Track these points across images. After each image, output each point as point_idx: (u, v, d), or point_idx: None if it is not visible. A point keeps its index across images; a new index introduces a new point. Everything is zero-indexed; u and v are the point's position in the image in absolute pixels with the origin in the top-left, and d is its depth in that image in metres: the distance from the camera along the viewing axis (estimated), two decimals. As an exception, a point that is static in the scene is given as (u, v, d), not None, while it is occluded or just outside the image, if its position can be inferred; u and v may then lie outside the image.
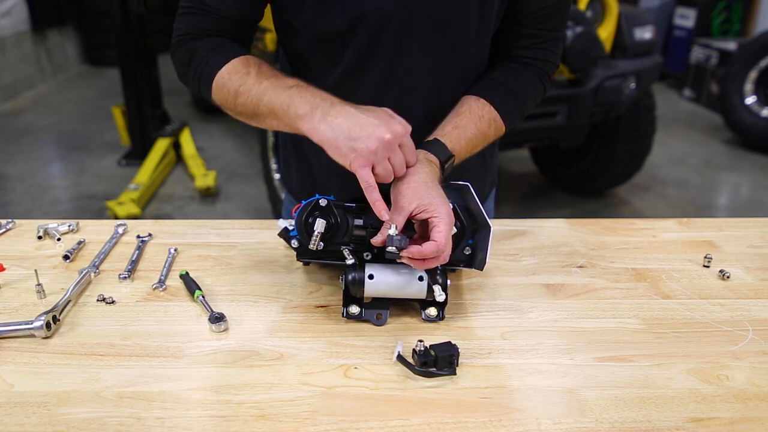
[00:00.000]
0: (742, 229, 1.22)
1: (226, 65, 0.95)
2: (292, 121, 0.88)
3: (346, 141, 0.83)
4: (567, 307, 0.95)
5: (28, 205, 3.77)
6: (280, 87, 0.89)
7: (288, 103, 0.87)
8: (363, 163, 0.83)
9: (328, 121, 0.84)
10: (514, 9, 1.00)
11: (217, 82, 0.95)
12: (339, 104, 0.86)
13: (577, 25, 3.14)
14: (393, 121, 0.85)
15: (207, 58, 0.96)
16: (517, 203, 3.98)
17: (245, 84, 0.92)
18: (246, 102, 0.92)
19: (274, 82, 0.91)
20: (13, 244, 1.10)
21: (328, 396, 0.75)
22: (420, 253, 0.82)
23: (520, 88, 1.05)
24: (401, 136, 0.84)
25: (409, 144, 0.86)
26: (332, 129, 0.84)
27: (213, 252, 1.09)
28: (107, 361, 0.80)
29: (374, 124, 0.83)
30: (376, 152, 0.82)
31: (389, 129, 0.83)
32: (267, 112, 0.90)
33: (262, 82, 0.91)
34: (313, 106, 0.86)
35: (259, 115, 0.92)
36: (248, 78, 0.92)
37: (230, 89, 0.94)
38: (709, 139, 5.17)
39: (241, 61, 0.95)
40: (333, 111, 0.85)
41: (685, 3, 6.41)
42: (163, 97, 4.68)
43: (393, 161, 0.85)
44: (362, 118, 0.83)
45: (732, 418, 0.73)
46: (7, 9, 5.90)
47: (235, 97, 0.93)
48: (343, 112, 0.84)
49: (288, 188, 1.28)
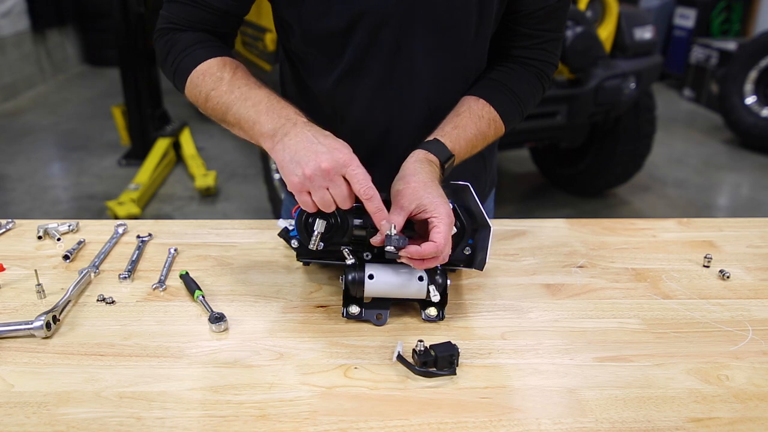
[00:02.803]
0: (742, 229, 1.22)
1: (202, 65, 0.95)
2: (256, 138, 0.89)
3: (289, 164, 0.82)
4: (567, 307, 0.95)
5: (28, 205, 3.77)
6: (249, 100, 0.90)
7: (254, 120, 0.88)
8: (299, 189, 0.82)
9: (284, 142, 0.83)
10: (513, 9, 1.00)
11: (191, 80, 0.96)
12: (300, 126, 0.85)
13: (577, 25, 3.15)
14: (339, 151, 0.81)
15: (185, 53, 0.96)
16: (517, 203, 3.98)
17: (216, 89, 0.93)
18: (215, 107, 0.93)
19: (244, 93, 0.91)
20: (13, 244, 1.10)
21: (328, 396, 0.75)
22: (419, 254, 0.82)
23: (519, 89, 1.05)
24: (342, 166, 0.80)
25: (355, 174, 0.81)
26: (284, 150, 0.83)
27: (213, 252, 1.09)
28: (107, 361, 0.80)
29: (318, 151, 0.80)
30: (311, 179, 0.80)
31: (331, 157, 0.80)
32: (234, 122, 0.92)
33: (233, 91, 0.91)
34: (276, 126, 0.86)
35: (226, 123, 0.94)
36: (221, 84, 0.93)
37: (201, 91, 0.94)
38: (709, 139, 5.17)
39: (217, 63, 0.95)
40: (291, 132, 0.84)
41: (685, 3, 6.41)
42: (163, 97, 4.68)
43: (332, 191, 0.81)
44: (311, 143, 0.82)
45: (732, 418, 0.73)
46: (7, 9, 5.90)
47: (205, 101, 0.94)
48: (299, 135, 0.83)
49: (288, 189, 1.28)
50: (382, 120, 1.04)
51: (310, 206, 0.83)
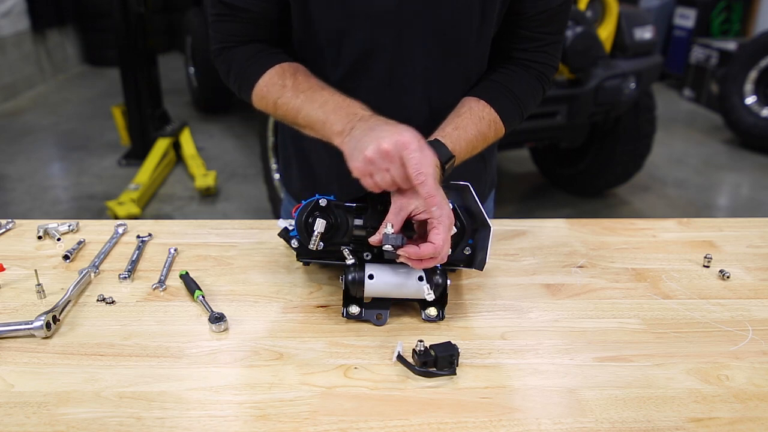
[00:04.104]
0: (742, 229, 1.22)
1: (263, 77, 0.98)
2: (328, 137, 0.91)
3: (353, 151, 0.85)
4: (567, 307, 0.95)
5: (28, 205, 3.77)
6: (315, 102, 0.93)
7: (323, 120, 0.91)
8: (362, 172, 0.84)
9: (351, 134, 0.87)
10: (514, 12, 1.00)
11: (256, 94, 1.00)
12: (366, 119, 0.88)
13: (577, 25, 3.14)
14: (400, 134, 0.81)
15: (243, 69, 1.01)
16: (517, 203, 3.98)
17: (283, 97, 0.96)
18: (285, 114, 0.97)
19: (309, 96, 0.94)
20: (13, 244, 1.10)
21: (328, 396, 0.75)
22: (417, 254, 0.82)
23: (519, 90, 1.05)
24: (402, 148, 0.80)
25: (411, 158, 0.81)
26: (350, 141, 0.86)
27: (213, 252, 1.09)
28: (107, 361, 0.80)
29: (380, 135, 0.82)
30: (372, 161, 0.82)
31: (390, 140, 0.81)
32: (305, 124, 0.95)
33: (298, 95, 0.95)
34: (344, 123, 0.89)
35: (298, 125, 0.97)
36: (285, 91, 0.96)
37: (269, 101, 0.99)
38: (709, 139, 5.17)
39: (277, 72, 0.98)
40: (357, 125, 0.87)
41: (685, 3, 6.41)
42: (163, 97, 4.68)
43: (392, 172, 0.82)
44: (374, 131, 0.84)
45: (732, 418, 0.73)
46: (7, 9, 5.90)
47: (274, 109, 0.99)
48: (365, 126, 0.86)
49: (288, 189, 1.28)
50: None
51: (375, 188, 0.85)
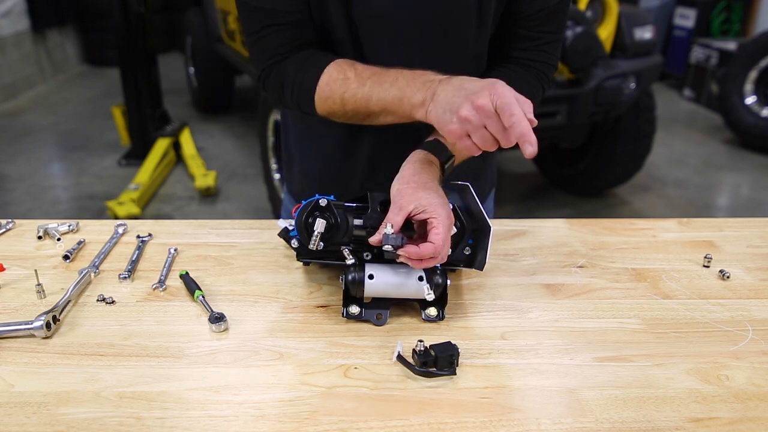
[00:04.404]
0: (742, 229, 1.22)
1: (322, 77, 0.94)
2: (408, 112, 0.88)
3: (444, 115, 0.81)
4: (567, 307, 0.95)
5: (28, 205, 3.77)
6: (385, 83, 0.90)
7: (400, 96, 0.88)
8: (459, 134, 0.80)
9: (435, 101, 0.83)
10: (511, 12, 1.00)
11: (319, 96, 0.95)
12: (444, 82, 0.84)
13: (577, 25, 3.15)
14: (492, 85, 0.78)
15: (299, 76, 0.96)
16: (517, 203, 3.98)
17: (348, 90, 0.92)
18: (356, 106, 0.93)
19: (376, 80, 0.91)
20: (13, 244, 1.10)
21: (328, 396, 0.75)
22: (417, 254, 0.82)
23: (519, 89, 1.04)
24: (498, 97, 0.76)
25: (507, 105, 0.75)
26: (437, 108, 0.82)
27: (213, 252, 1.09)
28: (107, 361, 0.80)
29: (468, 91, 0.79)
30: (468, 119, 0.78)
31: (482, 93, 0.77)
32: (380, 110, 0.91)
33: (364, 83, 0.91)
34: (423, 92, 0.85)
35: (372, 114, 0.93)
36: (349, 83, 0.92)
37: (335, 99, 0.94)
38: (709, 139, 5.17)
39: (335, 68, 0.94)
40: (438, 90, 0.83)
41: (685, 3, 6.41)
42: (163, 97, 4.68)
43: (490, 129, 0.78)
44: (459, 90, 0.80)
45: (732, 418, 0.73)
46: (7, 9, 5.90)
47: (342, 105, 0.94)
48: (446, 89, 0.83)
49: (290, 189, 1.28)
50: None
51: (474, 150, 0.81)
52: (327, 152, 1.13)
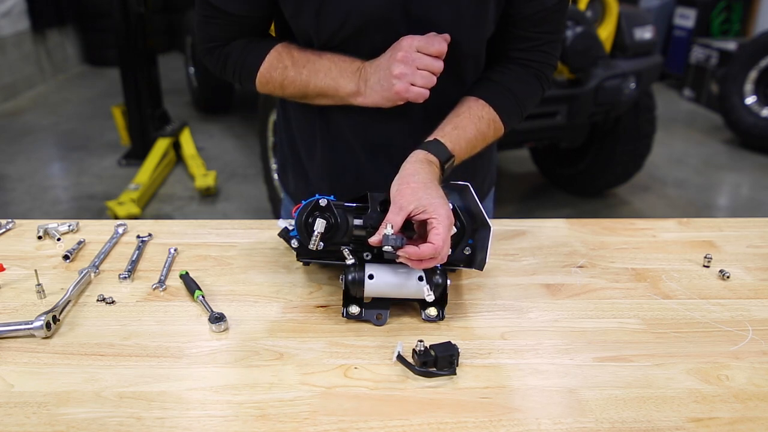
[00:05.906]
0: (742, 229, 1.22)
1: (262, 66, 1.02)
2: (345, 101, 1.00)
3: (382, 87, 0.94)
4: (567, 307, 0.95)
5: (28, 205, 3.77)
6: (320, 72, 0.99)
7: (335, 87, 0.98)
8: (404, 90, 0.92)
9: (368, 86, 0.96)
10: (509, 12, 1.00)
11: (260, 81, 1.04)
12: (367, 66, 0.96)
13: (577, 25, 3.14)
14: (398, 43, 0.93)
15: (240, 60, 1.04)
16: (517, 203, 3.98)
17: (287, 77, 1.01)
18: (294, 92, 1.03)
19: (312, 69, 0.99)
20: (13, 244, 1.10)
21: (328, 396, 0.75)
22: (417, 255, 0.82)
23: (518, 90, 1.05)
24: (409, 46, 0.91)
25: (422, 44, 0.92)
26: (372, 90, 0.95)
27: (213, 252, 1.09)
28: (107, 361, 0.80)
29: (387, 57, 0.93)
30: (403, 72, 0.91)
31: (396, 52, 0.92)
32: (316, 95, 1.01)
33: (301, 72, 1.00)
34: (357, 81, 0.97)
35: (309, 98, 1.03)
36: (287, 71, 1.01)
37: (275, 84, 1.03)
38: (709, 139, 5.17)
39: (275, 56, 1.02)
40: (366, 76, 0.96)
41: (685, 3, 6.41)
42: (163, 97, 4.68)
43: (422, 64, 0.91)
44: (380, 63, 0.95)
45: (732, 418, 0.73)
46: (7, 9, 5.90)
47: (282, 90, 1.03)
48: (373, 67, 0.95)
49: (286, 190, 1.28)
50: (381, 121, 1.04)
51: (424, 92, 0.93)
52: (316, 152, 1.14)
